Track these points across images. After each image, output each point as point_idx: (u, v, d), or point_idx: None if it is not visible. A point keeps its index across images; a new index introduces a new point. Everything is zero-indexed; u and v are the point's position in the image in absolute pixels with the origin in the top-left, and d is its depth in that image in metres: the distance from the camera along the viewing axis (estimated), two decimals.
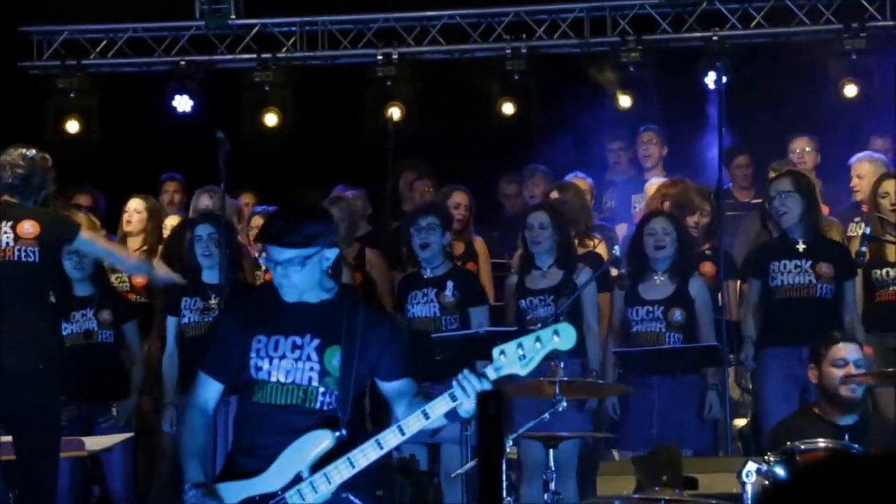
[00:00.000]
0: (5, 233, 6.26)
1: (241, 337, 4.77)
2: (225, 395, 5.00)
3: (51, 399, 6.27)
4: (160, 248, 9.01)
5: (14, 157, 6.38)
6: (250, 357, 4.74)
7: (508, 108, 11.78)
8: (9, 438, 6.22)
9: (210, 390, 4.83)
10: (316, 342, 4.74)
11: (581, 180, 9.54)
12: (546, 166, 10.17)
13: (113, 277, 8.60)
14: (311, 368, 4.72)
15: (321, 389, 4.72)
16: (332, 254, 4.78)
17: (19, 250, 6.23)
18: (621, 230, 9.54)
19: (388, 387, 4.85)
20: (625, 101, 11.54)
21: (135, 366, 8.04)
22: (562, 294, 7.74)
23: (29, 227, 6.28)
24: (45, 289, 6.36)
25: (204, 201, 8.93)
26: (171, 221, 9.43)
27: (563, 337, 4.67)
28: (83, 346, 7.94)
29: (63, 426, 7.70)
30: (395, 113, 11.62)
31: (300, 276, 4.70)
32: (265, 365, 4.73)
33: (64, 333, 7.89)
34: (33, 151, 6.43)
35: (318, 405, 4.71)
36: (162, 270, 6.85)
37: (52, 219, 6.42)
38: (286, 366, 4.72)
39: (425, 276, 7.96)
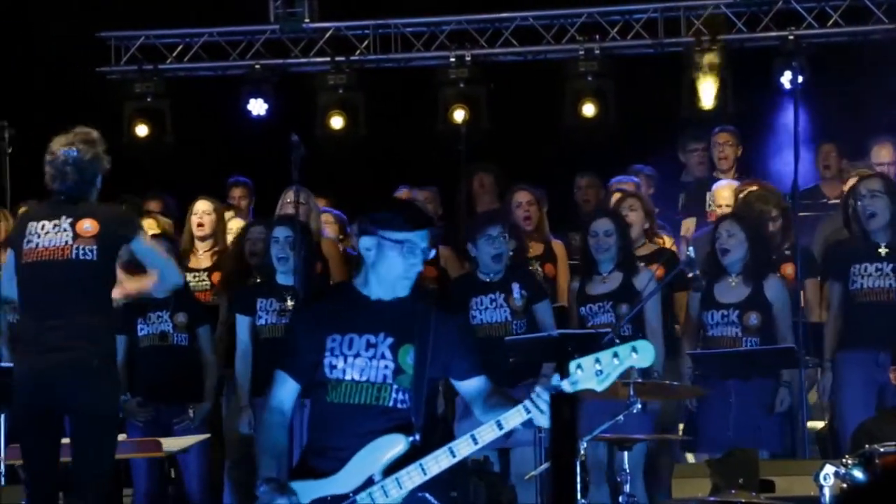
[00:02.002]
0: (64, 230, 6.28)
1: (315, 336, 4.79)
2: (300, 398, 5.02)
3: (106, 397, 6.26)
4: (228, 249, 9.08)
5: (58, 162, 6.35)
6: (324, 356, 4.76)
7: (589, 110, 11.74)
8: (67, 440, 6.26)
9: (287, 390, 4.85)
10: (390, 340, 4.76)
11: (640, 173, 9.49)
12: (615, 167, 10.11)
13: (190, 276, 8.66)
14: (386, 367, 4.74)
15: (395, 387, 4.73)
16: (431, 254, 4.88)
17: (77, 248, 6.25)
18: (690, 223, 9.48)
19: (464, 386, 4.85)
20: (707, 100, 11.46)
21: (209, 369, 8.08)
22: (621, 300, 7.69)
23: (88, 226, 6.30)
24: (103, 287, 6.36)
25: (289, 197, 8.88)
26: (236, 224, 9.46)
27: (641, 354, 4.67)
28: (158, 348, 8.00)
29: (139, 428, 7.81)
30: (464, 115, 11.63)
31: (422, 266, 4.79)
32: (339, 363, 4.75)
33: (140, 334, 7.97)
34: (74, 150, 6.34)
35: (391, 403, 4.72)
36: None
37: (112, 217, 6.41)
38: (360, 364, 4.74)
39: (487, 280, 7.90)
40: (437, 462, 4.64)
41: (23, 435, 6.33)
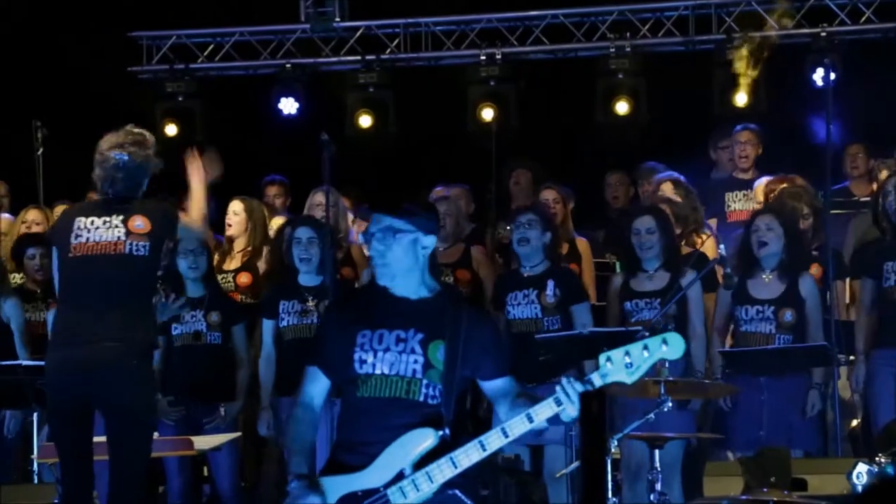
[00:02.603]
0: (116, 226, 6.30)
1: (346, 332, 4.80)
2: (331, 395, 5.02)
3: (144, 395, 6.27)
4: (265, 249, 9.09)
5: (108, 165, 6.37)
6: (354, 351, 4.77)
7: (623, 108, 11.71)
8: (104, 439, 6.27)
9: (317, 386, 4.86)
10: (420, 336, 4.76)
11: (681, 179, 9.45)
12: (654, 164, 10.08)
13: (219, 277, 8.68)
14: (416, 361, 4.74)
15: (425, 381, 4.73)
16: (429, 241, 4.80)
17: (131, 244, 6.28)
18: (712, 223, 9.46)
19: (490, 386, 4.85)
20: (740, 98, 11.42)
21: (241, 368, 8.09)
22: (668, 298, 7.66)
23: (140, 223, 6.32)
24: (148, 284, 6.40)
25: (318, 199, 8.89)
26: (276, 223, 9.49)
27: (671, 346, 4.64)
28: (192, 347, 8.02)
29: (171, 426, 7.83)
30: (493, 113, 11.63)
31: (393, 254, 4.74)
32: (369, 358, 4.75)
33: (174, 333, 7.99)
34: (124, 155, 6.38)
35: (421, 397, 4.72)
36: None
37: (160, 214, 6.43)
38: (390, 358, 4.74)
39: (524, 275, 7.91)
40: (468, 455, 4.63)
41: (56, 428, 6.34)
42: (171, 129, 12.31)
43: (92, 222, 6.33)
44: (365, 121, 12.09)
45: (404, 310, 4.79)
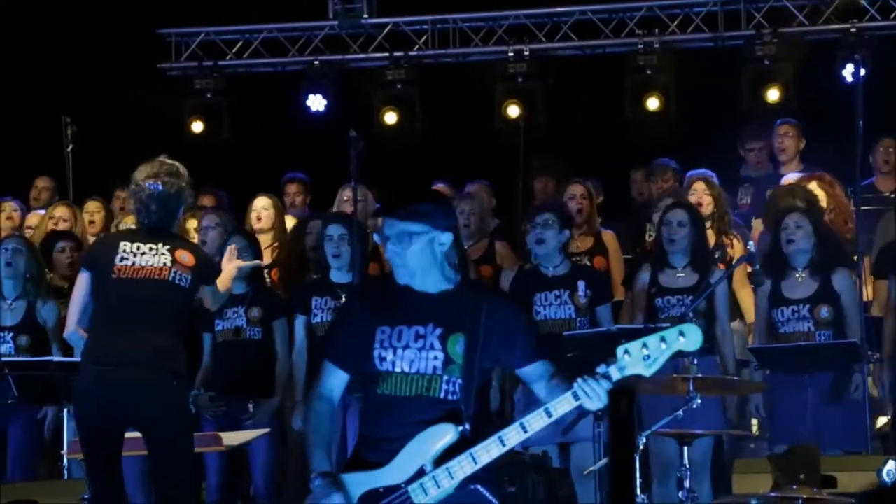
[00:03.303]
0: (163, 254, 6.40)
1: (365, 327, 4.79)
2: (352, 392, 5.02)
3: (180, 415, 6.39)
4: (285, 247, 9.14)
5: (144, 196, 6.45)
6: (374, 348, 4.76)
7: (653, 104, 11.69)
8: (136, 434, 6.31)
9: (335, 379, 4.85)
10: (439, 331, 4.74)
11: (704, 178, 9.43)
12: (677, 161, 10.05)
13: None
14: (435, 357, 4.73)
15: (445, 377, 4.72)
16: (445, 238, 4.77)
17: (176, 273, 6.39)
18: (758, 226, 9.41)
19: (523, 372, 4.84)
20: (773, 94, 11.38)
21: (280, 362, 8.10)
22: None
23: (186, 257, 6.44)
24: (185, 314, 6.54)
25: (347, 194, 8.90)
26: (290, 222, 9.49)
27: (688, 338, 4.61)
28: (232, 343, 8.03)
29: (211, 421, 7.87)
30: (520, 110, 11.62)
31: (410, 254, 4.72)
32: (389, 356, 4.75)
33: (216, 330, 8.03)
34: (159, 186, 6.43)
35: (441, 394, 4.71)
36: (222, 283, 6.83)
37: (205, 259, 6.64)
38: (410, 356, 4.73)
39: (549, 276, 7.87)
40: (488, 451, 4.63)
41: (87, 444, 6.34)
42: (197, 127, 12.34)
43: (138, 248, 6.42)
44: (390, 118, 12.10)
45: (423, 304, 4.78)
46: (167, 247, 6.42)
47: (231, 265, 6.81)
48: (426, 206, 4.79)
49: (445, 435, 4.65)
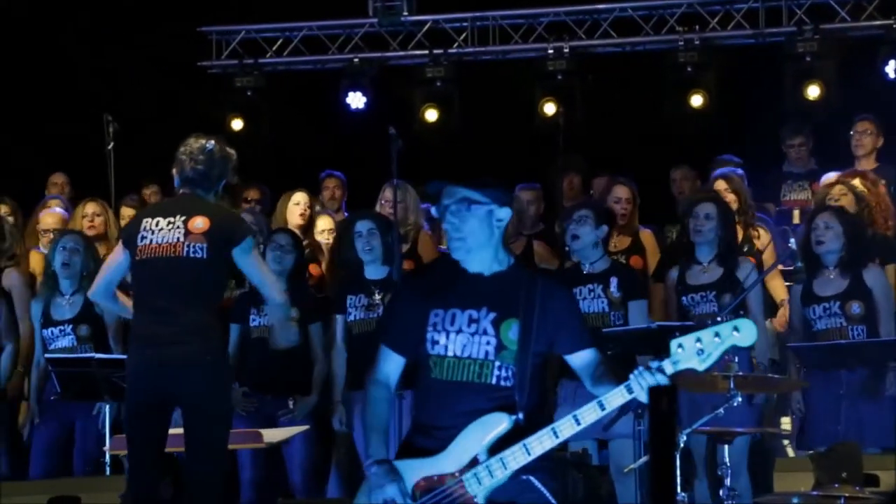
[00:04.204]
0: (177, 227, 6.31)
1: (418, 310, 4.79)
2: (400, 389, 5.02)
3: (218, 391, 6.30)
4: (325, 245, 9.16)
5: (193, 149, 6.41)
6: (427, 331, 4.76)
7: (697, 101, 11.65)
8: (179, 430, 6.33)
9: (391, 364, 4.86)
10: (492, 315, 4.74)
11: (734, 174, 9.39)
12: (730, 158, 10.01)
13: None
14: (488, 343, 4.72)
15: (497, 363, 4.72)
16: (503, 213, 4.79)
17: (188, 246, 6.28)
18: (795, 216, 9.39)
19: (572, 359, 4.83)
20: (813, 91, 11.32)
21: (318, 363, 8.11)
22: (724, 290, 7.60)
23: (199, 223, 6.31)
24: (213, 284, 6.40)
25: (388, 195, 8.92)
26: (324, 220, 9.50)
27: (742, 333, 4.60)
28: (267, 340, 8.02)
29: (244, 418, 7.88)
30: (556, 107, 11.60)
31: (469, 226, 4.72)
32: (441, 339, 4.75)
33: (251, 324, 8.03)
34: (212, 143, 6.43)
35: (493, 380, 4.71)
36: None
37: (224, 217, 6.44)
38: (462, 340, 4.73)
39: (585, 272, 7.87)
40: (541, 443, 4.63)
41: (130, 426, 6.40)
42: (237, 124, 12.38)
43: (157, 223, 6.35)
44: (431, 115, 12.10)
45: (477, 287, 4.77)
46: (183, 217, 6.31)
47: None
48: (487, 179, 4.81)
49: (499, 424, 4.65)
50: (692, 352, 4.59)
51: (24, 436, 8.27)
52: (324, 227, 9.42)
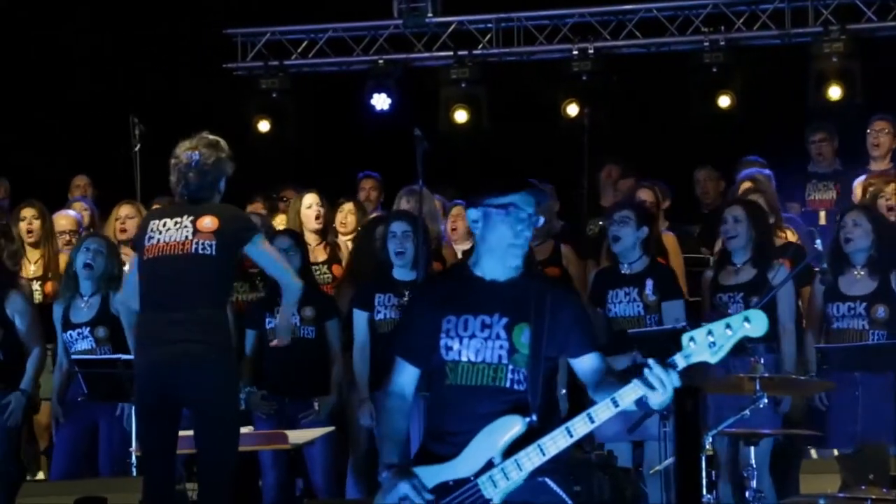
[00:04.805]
0: (185, 226, 6.36)
1: (431, 318, 4.80)
2: (419, 390, 5.02)
3: (225, 389, 6.33)
4: (345, 243, 9.17)
5: (182, 166, 6.45)
6: (440, 337, 4.77)
7: (725, 101, 11.63)
8: (190, 433, 6.35)
9: (406, 375, 4.87)
10: (504, 320, 4.75)
11: (759, 174, 9.36)
12: (756, 159, 9.98)
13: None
14: (501, 346, 4.73)
15: (510, 367, 4.72)
16: (539, 221, 4.82)
17: (197, 243, 6.32)
18: (822, 216, 9.37)
19: (577, 363, 4.82)
20: (834, 91, 11.28)
21: (335, 363, 8.13)
22: (754, 292, 7.58)
23: (208, 222, 6.36)
24: (221, 282, 6.44)
25: (405, 204, 8.94)
26: (353, 220, 9.52)
27: (753, 323, 4.57)
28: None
29: (265, 421, 7.90)
30: (578, 108, 11.59)
31: (531, 233, 4.77)
32: (455, 345, 4.76)
33: (267, 328, 8.05)
34: (198, 155, 6.45)
35: (507, 383, 4.71)
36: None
37: (232, 216, 6.49)
38: (476, 345, 4.74)
39: (623, 273, 7.87)
40: (555, 442, 4.62)
41: (142, 425, 6.45)
42: (263, 126, 12.43)
43: (164, 224, 6.40)
44: (460, 116, 12.11)
45: (489, 293, 4.78)
46: (191, 217, 6.36)
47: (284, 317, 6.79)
48: (516, 181, 4.82)
49: (513, 426, 4.65)
50: (704, 345, 4.58)
51: (52, 437, 8.31)
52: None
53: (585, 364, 4.80)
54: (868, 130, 9.92)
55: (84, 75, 12.31)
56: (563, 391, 7.36)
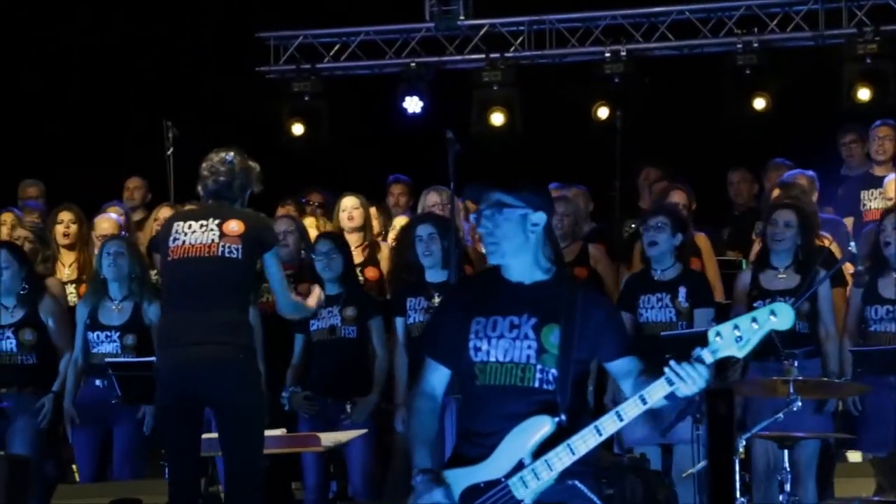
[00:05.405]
0: (211, 230, 6.41)
1: (460, 320, 4.80)
2: (450, 393, 5.02)
3: (252, 390, 6.37)
4: (384, 246, 9.18)
5: (215, 162, 6.53)
6: (469, 339, 4.77)
7: (760, 104, 11.60)
8: (214, 435, 6.37)
9: (436, 376, 4.87)
10: (533, 321, 4.74)
11: (802, 176, 9.31)
12: (783, 161, 9.95)
13: None
14: (529, 346, 4.72)
15: (539, 367, 4.71)
16: (537, 218, 4.77)
17: (223, 247, 6.38)
18: (848, 223, 9.30)
19: (612, 366, 4.82)
20: (863, 93, 11.23)
21: (378, 361, 8.13)
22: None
23: (234, 226, 6.42)
24: (244, 285, 6.51)
25: (432, 199, 8.99)
26: (399, 223, 9.56)
27: (779, 317, 4.55)
28: (327, 342, 8.06)
29: (307, 421, 7.92)
30: (607, 111, 11.58)
31: (502, 231, 4.73)
32: (483, 345, 4.76)
33: (311, 330, 8.08)
34: (232, 155, 6.55)
35: (535, 383, 4.71)
36: (312, 301, 6.90)
37: (258, 222, 6.55)
38: (504, 345, 4.74)
39: (655, 279, 7.85)
40: (585, 441, 4.62)
41: (164, 426, 6.48)
42: (297, 129, 12.47)
43: (189, 226, 6.45)
44: (496, 118, 12.11)
45: (518, 295, 4.78)
46: (217, 220, 6.42)
47: (314, 296, 6.89)
48: (524, 182, 4.81)
49: (542, 427, 4.65)
50: (730, 339, 4.56)
51: (69, 437, 8.32)
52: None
53: (619, 366, 4.79)
54: (871, 136, 9.87)
55: (117, 78, 12.36)
56: (591, 388, 7.37)
